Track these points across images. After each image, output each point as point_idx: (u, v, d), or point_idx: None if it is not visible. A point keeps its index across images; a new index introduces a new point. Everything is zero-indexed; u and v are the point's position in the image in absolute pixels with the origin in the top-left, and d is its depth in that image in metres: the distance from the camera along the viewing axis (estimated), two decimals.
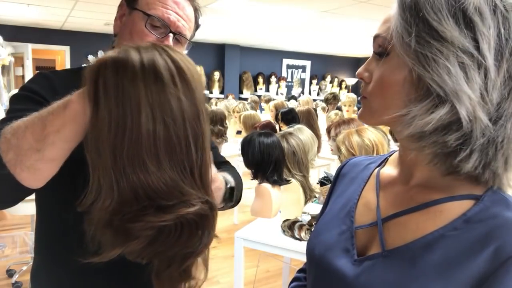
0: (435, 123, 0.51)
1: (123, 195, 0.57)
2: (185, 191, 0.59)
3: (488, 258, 0.50)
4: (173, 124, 0.58)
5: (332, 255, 0.65)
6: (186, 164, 0.60)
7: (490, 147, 0.52)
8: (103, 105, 0.56)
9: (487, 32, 0.50)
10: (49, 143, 0.59)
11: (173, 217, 0.58)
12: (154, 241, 0.59)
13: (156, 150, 0.57)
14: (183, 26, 0.91)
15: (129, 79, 0.56)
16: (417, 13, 0.52)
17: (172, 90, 0.58)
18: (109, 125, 0.56)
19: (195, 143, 0.60)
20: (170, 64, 0.59)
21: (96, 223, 0.58)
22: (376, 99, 0.59)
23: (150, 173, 0.57)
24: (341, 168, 0.82)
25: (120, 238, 0.59)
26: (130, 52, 0.58)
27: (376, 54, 0.60)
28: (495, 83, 0.51)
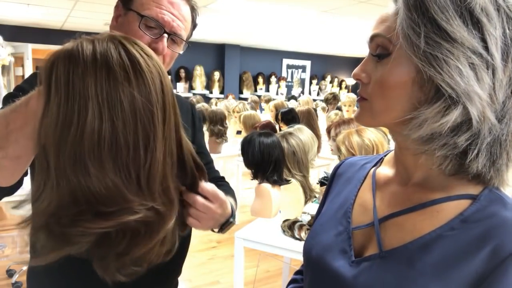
0: (450, 125, 0.51)
1: (62, 198, 0.54)
2: (128, 198, 0.55)
3: (486, 258, 0.50)
4: (122, 125, 0.54)
5: (330, 256, 0.65)
6: (131, 169, 0.56)
7: (495, 145, 0.53)
8: (53, 101, 0.53)
9: (494, 32, 0.50)
10: (12, 141, 0.58)
11: (113, 224, 0.55)
12: (94, 245, 0.56)
13: (100, 151, 0.53)
14: (178, 26, 0.90)
15: (79, 74, 0.53)
16: (424, 13, 0.51)
17: (125, 87, 0.54)
18: (56, 122, 0.53)
19: (144, 146, 0.56)
20: (125, 58, 0.55)
21: (33, 225, 0.56)
22: (378, 101, 0.58)
23: (90, 175, 0.53)
24: (337, 168, 0.81)
25: (58, 243, 0.55)
26: (84, 44, 0.55)
27: (375, 55, 0.58)
28: (501, 82, 0.51)
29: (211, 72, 9.36)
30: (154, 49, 0.88)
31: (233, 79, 9.76)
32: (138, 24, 0.88)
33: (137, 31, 0.88)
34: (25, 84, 0.88)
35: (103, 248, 0.58)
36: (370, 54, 0.60)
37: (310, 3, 4.84)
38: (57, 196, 0.54)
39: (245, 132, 4.28)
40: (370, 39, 0.59)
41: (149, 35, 0.88)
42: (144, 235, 0.59)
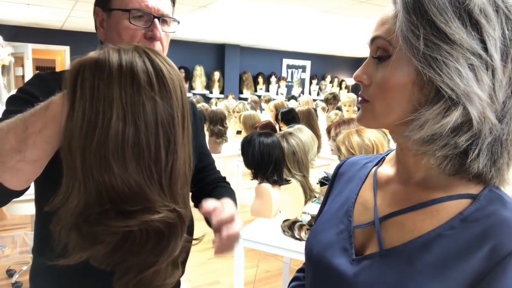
0: (450, 126, 0.51)
1: (88, 197, 0.56)
2: (150, 197, 0.58)
3: (485, 257, 0.50)
4: (144, 128, 0.57)
5: (331, 255, 0.65)
6: (153, 170, 0.58)
7: (496, 145, 0.53)
8: (78, 105, 0.56)
9: (493, 33, 0.50)
10: (30, 144, 0.59)
11: (136, 223, 0.57)
12: (119, 247, 0.58)
13: (123, 152, 0.56)
14: (162, 7, 0.91)
15: (105, 79, 0.56)
16: (423, 15, 0.51)
17: (148, 93, 0.57)
18: (81, 125, 0.56)
19: (166, 149, 0.59)
20: (149, 67, 0.58)
21: (62, 225, 0.58)
22: (379, 102, 0.58)
23: (114, 174, 0.56)
24: (339, 167, 0.82)
25: (86, 242, 0.58)
26: (109, 53, 0.58)
27: (376, 57, 0.58)
28: (501, 83, 0.51)
29: (211, 72, 9.37)
30: (151, 37, 0.89)
31: (233, 79, 9.76)
32: (126, 20, 0.88)
33: (129, 27, 0.89)
34: (29, 86, 0.89)
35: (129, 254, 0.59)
36: (371, 56, 0.60)
37: (310, 3, 4.84)
38: (84, 195, 0.56)
39: (245, 132, 4.28)
40: (370, 41, 0.59)
41: (141, 26, 0.89)
42: (168, 238, 0.61)
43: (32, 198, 0.92)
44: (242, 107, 5.16)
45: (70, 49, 7.98)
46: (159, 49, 0.92)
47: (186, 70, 8.95)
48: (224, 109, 4.97)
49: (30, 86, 0.89)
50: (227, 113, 5.13)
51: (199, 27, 7.08)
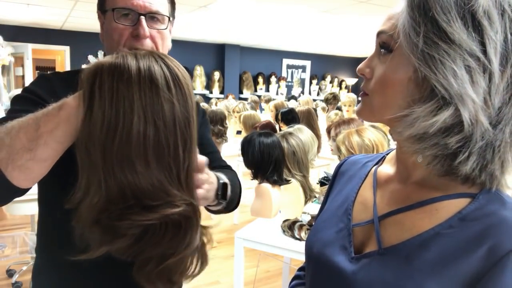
0: (439, 125, 0.51)
1: (111, 194, 0.59)
2: (170, 193, 0.61)
3: (483, 256, 0.50)
4: (164, 128, 0.60)
5: (330, 253, 0.66)
6: (173, 167, 0.61)
7: (488, 150, 0.52)
8: (97, 106, 0.58)
9: (495, 36, 0.50)
10: (42, 143, 0.60)
11: (158, 217, 0.60)
12: (139, 239, 0.61)
13: (145, 151, 0.59)
14: (150, 4, 0.89)
15: (124, 82, 0.58)
16: (426, 12, 0.51)
17: (166, 95, 0.60)
18: (102, 125, 0.58)
19: (183, 147, 0.62)
20: (165, 71, 0.61)
21: (84, 221, 0.60)
22: (377, 97, 0.59)
23: (137, 173, 0.59)
24: (340, 166, 0.82)
25: (108, 236, 0.60)
26: (127, 57, 0.60)
27: (379, 50, 0.59)
28: (498, 88, 0.51)
29: (211, 72, 9.37)
30: (137, 36, 0.88)
31: (233, 79, 9.77)
32: (113, 20, 0.88)
33: (116, 26, 0.88)
34: (34, 86, 0.89)
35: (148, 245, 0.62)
36: (375, 50, 0.60)
37: (310, 3, 4.85)
38: (105, 192, 0.59)
39: (245, 132, 4.28)
40: (376, 35, 0.60)
41: (127, 24, 0.89)
42: (185, 229, 0.64)
43: (32, 198, 0.92)
44: (242, 107, 5.16)
45: (70, 49, 7.98)
46: (149, 46, 0.90)
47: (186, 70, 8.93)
48: (224, 109, 4.97)
49: (35, 85, 0.90)
50: (227, 113, 5.13)
51: (199, 27, 7.08)
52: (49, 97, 0.86)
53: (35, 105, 0.83)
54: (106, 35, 0.92)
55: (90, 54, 8.00)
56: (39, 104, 0.83)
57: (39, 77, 0.93)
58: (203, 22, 6.51)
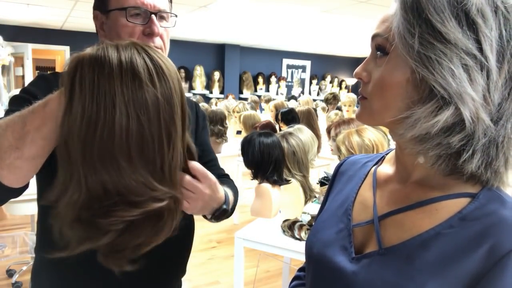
0: (440, 125, 0.51)
1: (92, 190, 0.57)
2: (154, 187, 0.60)
3: (483, 256, 0.50)
4: (147, 122, 0.58)
5: (330, 253, 0.65)
6: (157, 161, 0.60)
7: (491, 147, 0.52)
8: (77, 101, 0.56)
9: (489, 33, 0.50)
10: (29, 141, 0.59)
11: (143, 212, 0.59)
12: (121, 233, 0.60)
13: (128, 147, 0.57)
14: (158, 2, 0.92)
15: (105, 75, 0.56)
16: (420, 14, 0.51)
17: (149, 88, 0.58)
18: (81, 120, 0.56)
19: (167, 140, 0.61)
20: (148, 63, 0.59)
21: (63, 218, 0.59)
22: (376, 100, 0.59)
23: (121, 169, 0.57)
24: (339, 166, 0.82)
25: (90, 233, 0.59)
26: (108, 49, 0.58)
27: (375, 54, 0.59)
28: (496, 84, 0.51)
29: (211, 72, 9.37)
30: (150, 34, 0.90)
31: (233, 79, 9.76)
32: (123, 19, 0.89)
33: (127, 25, 0.89)
34: (32, 86, 0.89)
35: (130, 236, 0.61)
36: (372, 53, 0.60)
37: (310, 3, 4.85)
38: (86, 189, 0.57)
39: (245, 132, 4.28)
40: (371, 38, 0.60)
41: (139, 23, 0.90)
42: (166, 220, 0.63)
43: (32, 198, 0.93)
44: (242, 107, 5.16)
45: (70, 49, 7.97)
46: (160, 44, 0.93)
47: (186, 70, 8.95)
48: (224, 109, 4.97)
49: (33, 86, 0.89)
50: (227, 113, 5.13)
51: (199, 27, 7.08)
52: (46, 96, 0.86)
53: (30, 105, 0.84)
54: (113, 35, 0.92)
55: None
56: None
57: (38, 78, 0.93)
58: (203, 22, 6.51)
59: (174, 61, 1.00)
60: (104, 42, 0.61)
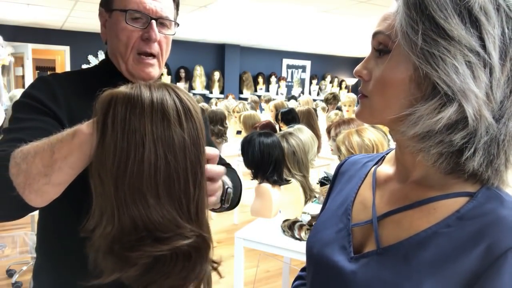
0: (444, 122, 0.51)
1: (123, 224, 0.59)
2: (180, 225, 0.61)
3: (481, 255, 0.50)
4: (174, 161, 0.60)
5: (330, 253, 0.66)
6: (183, 200, 0.62)
7: (492, 145, 0.53)
8: (110, 136, 0.58)
9: (492, 31, 0.50)
10: (56, 169, 0.62)
11: (169, 248, 0.60)
12: (150, 269, 0.62)
13: (156, 184, 0.59)
14: (162, 9, 0.91)
15: (137, 114, 0.59)
16: (423, 10, 0.51)
17: (177, 129, 0.61)
18: (114, 156, 0.58)
19: (193, 181, 0.62)
20: (178, 104, 0.62)
21: (97, 249, 0.61)
22: (377, 98, 0.59)
23: (149, 205, 0.59)
24: (340, 166, 0.82)
25: (119, 264, 0.61)
26: (141, 89, 0.61)
27: (376, 52, 0.59)
28: (499, 81, 0.51)
29: (211, 72, 9.37)
30: (147, 39, 0.89)
31: (233, 79, 9.77)
32: (123, 21, 0.89)
33: (126, 27, 0.89)
34: (33, 90, 0.89)
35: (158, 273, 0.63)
36: (372, 51, 0.60)
37: (310, 3, 4.85)
38: (118, 222, 0.59)
39: (245, 132, 4.28)
40: (372, 36, 0.60)
41: (138, 27, 0.90)
42: (195, 260, 0.64)
43: None
44: (242, 107, 5.16)
45: (70, 49, 7.98)
46: (157, 51, 0.93)
47: (186, 70, 8.95)
48: (224, 109, 4.97)
49: (34, 89, 0.89)
50: (227, 113, 5.13)
51: (199, 27, 7.08)
52: (50, 100, 0.86)
53: (38, 113, 0.84)
54: (112, 35, 0.92)
55: (90, 54, 8.01)
56: (41, 109, 0.84)
57: (38, 80, 0.93)
58: (203, 22, 6.51)
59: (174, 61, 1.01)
60: (138, 82, 0.64)
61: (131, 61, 0.92)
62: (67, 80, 0.94)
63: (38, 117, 0.83)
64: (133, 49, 0.91)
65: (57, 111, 0.86)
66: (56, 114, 0.85)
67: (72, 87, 0.91)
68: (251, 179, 2.30)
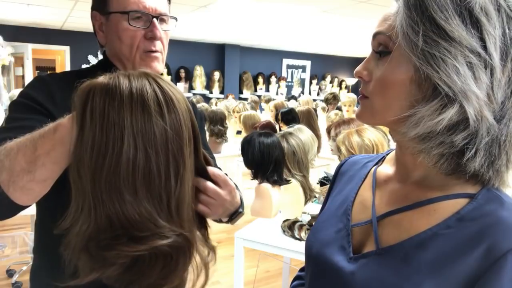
0: (445, 123, 0.51)
1: (99, 222, 0.57)
2: (159, 224, 0.59)
3: (480, 257, 0.50)
4: (155, 155, 0.57)
5: (329, 253, 0.66)
6: (163, 196, 0.59)
7: (494, 145, 0.53)
8: (88, 130, 0.56)
9: (493, 31, 0.50)
10: (40, 165, 0.60)
11: (146, 248, 0.58)
12: (129, 269, 0.59)
13: (134, 179, 0.57)
14: (160, 6, 0.92)
15: (115, 106, 0.56)
16: (423, 11, 0.51)
17: (158, 120, 0.58)
18: (91, 150, 0.56)
19: (175, 176, 0.60)
20: (159, 94, 0.59)
21: (73, 248, 0.59)
22: (377, 99, 0.59)
23: (125, 202, 0.56)
24: (340, 167, 0.82)
25: (97, 264, 0.59)
26: (120, 79, 0.59)
27: (377, 52, 0.59)
28: (500, 82, 0.51)
29: (211, 72, 9.36)
30: (152, 37, 0.90)
31: (233, 79, 9.76)
32: (125, 22, 0.89)
33: (128, 29, 0.89)
34: (30, 90, 0.89)
35: (138, 273, 0.60)
36: (372, 52, 0.60)
37: (310, 3, 4.85)
38: (94, 219, 0.57)
39: (245, 132, 4.28)
40: (372, 37, 0.59)
41: (141, 27, 0.90)
42: (176, 260, 0.62)
43: None
44: (242, 107, 5.16)
45: (70, 49, 7.98)
46: (160, 48, 0.94)
47: (186, 70, 8.94)
48: (224, 109, 4.97)
49: (31, 89, 0.89)
50: (227, 113, 5.13)
51: (199, 27, 7.08)
52: (46, 100, 0.86)
53: (34, 112, 0.83)
54: (113, 38, 0.92)
55: (90, 54, 8.01)
56: (37, 110, 0.83)
57: (36, 80, 0.92)
58: (203, 22, 6.50)
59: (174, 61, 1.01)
60: (116, 71, 0.61)
61: (138, 61, 0.92)
62: (64, 80, 0.94)
63: (34, 116, 0.83)
64: (139, 49, 0.91)
65: (54, 111, 0.85)
66: (53, 114, 0.85)
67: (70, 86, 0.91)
68: (251, 179, 2.30)
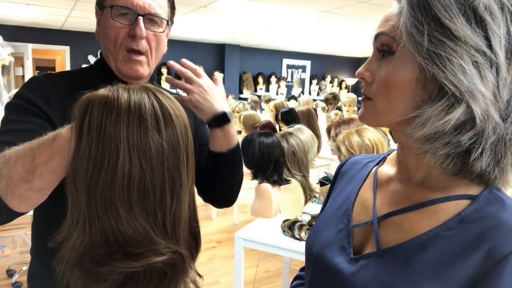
0: (452, 123, 0.50)
1: (94, 237, 0.56)
2: (154, 240, 0.58)
3: (481, 259, 0.50)
4: (150, 170, 0.57)
5: (329, 253, 0.65)
6: (158, 212, 0.59)
7: (500, 144, 0.52)
8: (85, 142, 0.56)
9: (498, 30, 0.50)
10: (38, 174, 0.60)
11: (141, 265, 0.57)
12: (122, 285, 0.59)
13: (129, 195, 0.56)
14: (150, 6, 0.90)
15: (112, 119, 0.56)
16: (427, 11, 0.51)
17: (154, 135, 0.57)
18: (88, 162, 0.55)
19: (170, 192, 0.59)
20: (157, 109, 0.58)
21: (66, 262, 0.58)
22: (381, 100, 0.58)
23: (121, 217, 0.56)
24: (341, 167, 0.81)
25: (89, 279, 0.58)
26: (119, 92, 0.58)
27: (379, 53, 0.58)
28: (505, 81, 0.51)
29: (211, 72, 9.35)
30: (133, 35, 0.88)
31: (233, 79, 9.76)
32: (111, 17, 0.88)
33: (113, 24, 0.88)
34: (26, 91, 0.88)
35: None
36: (374, 53, 0.59)
37: (310, 3, 4.84)
38: (89, 234, 0.56)
39: (245, 132, 4.28)
40: (374, 38, 0.59)
41: (124, 23, 0.88)
42: (170, 278, 0.61)
43: None
44: (242, 107, 5.16)
45: (70, 49, 7.98)
46: (144, 48, 0.91)
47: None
48: None
49: (27, 90, 0.88)
50: None
51: (199, 27, 7.08)
52: (42, 101, 0.85)
53: (29, 114, 0.82)
54: (102, 33, 0.92)
55: (90, 54, 8.01)
56: (33, 111, 0.83)
57: (31, 81, 0.91)
58: (203, 22, 6.50)
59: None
60: (117, 84, 0.60)
61: (121, 59, 0.91)
62: (60, 80, 0.93)
63: (30, 118, 0.82)
64: (122, 46, 0.89)
65: (49, 112, 0.85)
66: (48, 115, 0.84)
67: (66, 87, 0.90)
68: (251, 179, 2.30)
